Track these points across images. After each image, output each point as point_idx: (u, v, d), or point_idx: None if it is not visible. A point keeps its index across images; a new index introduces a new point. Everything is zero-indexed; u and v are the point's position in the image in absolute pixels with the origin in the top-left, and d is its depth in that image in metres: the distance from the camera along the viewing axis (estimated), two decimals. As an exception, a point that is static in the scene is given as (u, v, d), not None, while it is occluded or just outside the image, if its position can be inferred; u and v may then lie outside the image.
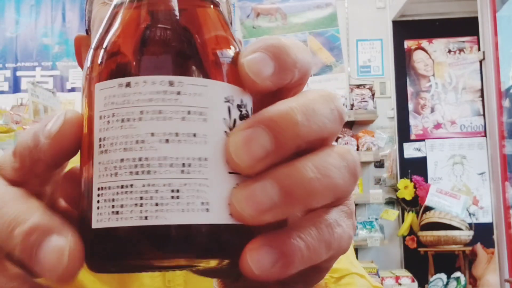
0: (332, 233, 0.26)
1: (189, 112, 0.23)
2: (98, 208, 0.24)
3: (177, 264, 0.25)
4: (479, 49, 2.75)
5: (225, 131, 0.24)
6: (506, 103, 2.49)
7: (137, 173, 0.23)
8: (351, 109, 3.58)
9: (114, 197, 0.23)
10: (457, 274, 3.26)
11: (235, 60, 0.25)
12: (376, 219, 3.55)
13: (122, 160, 0.23)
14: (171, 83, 0.23)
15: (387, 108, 3.72)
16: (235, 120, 0.24)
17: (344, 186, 0.25)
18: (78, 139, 0.25)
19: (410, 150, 3.67)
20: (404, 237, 3.49)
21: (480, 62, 2.67)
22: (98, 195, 0.24)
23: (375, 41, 3.82)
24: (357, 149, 3.52)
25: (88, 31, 0.72)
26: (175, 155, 0.23)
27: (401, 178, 3.57)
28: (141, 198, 0.23)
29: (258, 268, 0.23)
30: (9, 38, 3.97)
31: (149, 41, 0.25)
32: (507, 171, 2.45)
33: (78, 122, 0.25)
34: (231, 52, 0.26)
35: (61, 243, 0.23)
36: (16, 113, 2.38)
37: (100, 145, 0.24)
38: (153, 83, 0.23)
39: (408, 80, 3.72)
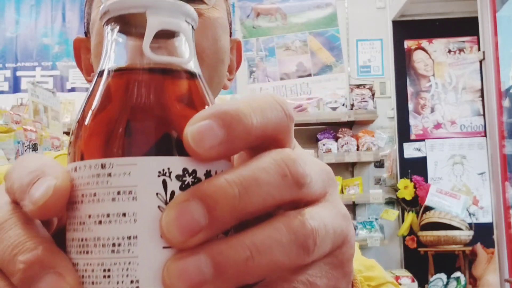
0: None
1: (118, 193, 0.24)
2: None
3: None
4: (479, 49, 2.75)
5: (159, 206, 0.24)
6: (506, 103, 2.49)
7: (80, 252, 0.25)
8: (351, 109, 3.58)
9: None
10: (457, 274, 3.26)
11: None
12: (376, 219, 3.55)
13: (73, 239, 0.25)
14: (103, 166, 0.24)
15: (387, 108, 3.72)
16: (173, 192, 0.24)
17: (289, 261, 0.24)
18: (64, 208, 0.25)
19: (410, 150, 3.67)
20: (404, 237, 3.49)
21: (480, 62, 2.66)
22: None
23: (375, 41, 3.82)
24: (357, 149, 3.52)
25: (87, 33, 0.72)
26: (106, 235, 0.24)
27: (401, 178, 3.57)
28: (83, 276, 0.24)
29: None
30: (9, 38, 3.97)
31: (96, 126, 0.26)
32: (507, 171, 2.45)
33: (66, 191, 0.25)
34: (184, 122, 0.25)
35: (60, 285, 0.23)
36: (16, 113, 2.38)
37: (67, 223, 0.26)
38: (90, 167, 0.25)
39: (408, 80, 3.72)
